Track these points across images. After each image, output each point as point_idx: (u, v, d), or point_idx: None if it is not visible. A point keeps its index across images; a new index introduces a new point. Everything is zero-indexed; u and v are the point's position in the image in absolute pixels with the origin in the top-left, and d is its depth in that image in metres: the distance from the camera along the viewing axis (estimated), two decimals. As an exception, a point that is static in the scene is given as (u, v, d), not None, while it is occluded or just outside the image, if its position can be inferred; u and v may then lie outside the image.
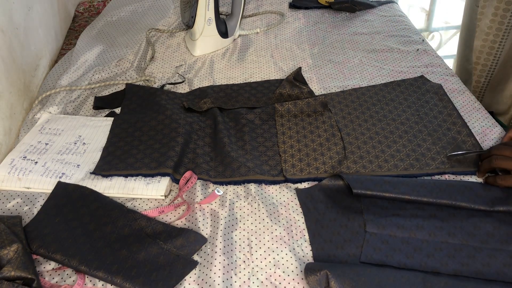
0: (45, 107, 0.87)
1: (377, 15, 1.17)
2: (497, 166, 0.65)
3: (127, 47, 1.05)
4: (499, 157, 0.65)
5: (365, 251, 0.58)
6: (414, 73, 0.93)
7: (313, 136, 0.77)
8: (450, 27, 2.39)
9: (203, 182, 0.70)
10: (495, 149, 0.67)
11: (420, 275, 0.54)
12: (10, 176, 0.70)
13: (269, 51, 1.05)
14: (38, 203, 0.67)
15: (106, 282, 0.56)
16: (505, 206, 0.62)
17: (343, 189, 0.68)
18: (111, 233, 0.61)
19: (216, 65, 1.00)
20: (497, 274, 0.55)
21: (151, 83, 0.94)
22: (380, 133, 0.77)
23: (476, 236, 0.59)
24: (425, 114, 0.80)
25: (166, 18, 1.19)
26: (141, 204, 0.67)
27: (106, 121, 0.83)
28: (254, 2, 1.27)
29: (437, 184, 0.65)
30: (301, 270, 0.57)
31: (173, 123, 0.79)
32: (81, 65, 1.00)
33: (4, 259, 0.53)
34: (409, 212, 0.62)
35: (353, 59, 1.00)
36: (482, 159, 0.68)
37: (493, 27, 0.96)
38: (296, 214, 0.65)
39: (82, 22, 1.25)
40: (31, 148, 0.76)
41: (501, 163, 0.64)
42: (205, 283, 0.55)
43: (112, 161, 0.73)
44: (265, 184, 0.70)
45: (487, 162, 0.66)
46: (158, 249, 0.59)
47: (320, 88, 0.91)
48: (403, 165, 0.70)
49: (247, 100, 0.88)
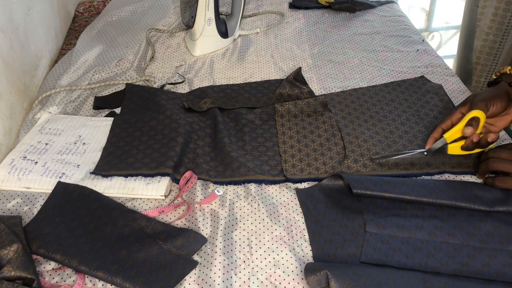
0: (45, 107, 0.87)
1: (377, 15, 1.17)
2: (495, 169, 0.65)
3: (127, 47, 1.05)
4: (496, 160, 0.65)
5: (365, 251, 0.58)
6: (414, 73, 0.93)
7: (313, 136, 0.77)
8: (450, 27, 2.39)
9: (203, 182, 0.70)
10: (492, 151, 0.67)
11: (420, 275, 0.54)
12: (10, 176, 0.70)
13: (269, 51, 1.05)
14: (38, 203, 0.67)
15: (106, 282, 0.56)
16: (505, 207, 0.62)
17: (343, 189, 0.68)
18: (111, 233, 0.61)
19: (216, 65, 1.00)
20: (497, 274, 0.55)
21: (151, 83, 0.94)
22: (380, 133, 0.77)
23: (476, 236, 0.59)
24: (425, 115, 0.80)
25: (166, 18, 1.19)
26: (141, 204, 0.67)
27: (106, 121, 0.83)
28: (254, 2, 1.27)
29: (437, 184, 0.65)
30: (301, 270, 0.57)
31: (173, 123, 0.79)
32: (81, 65, 1.00)
33: (4, 259, 0.53)
34: (409, 212, 0.63)
35: (353, 59, 1.00)
36: (481, 161, 0.68)
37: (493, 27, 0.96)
38: (296, 214, 0.65)
39: (82, 22, 1.25)
40: (31, 148, 0.76)
41: (499, 165, 0.64)
42: (205, 283, 0.55)
43: (112, 161, 0.73)
44: (265, 184, 0.70)
45: (485, 164, 0.66)
46: (158, 249, 0.59)
47: (320, 88, 0.91)
48: (403, 164, 0.70)
49: (247, 100, 0.88)
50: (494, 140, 0.66)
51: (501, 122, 0.70)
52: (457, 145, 0.68)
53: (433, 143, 0.70)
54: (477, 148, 0.68)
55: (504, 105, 0.68)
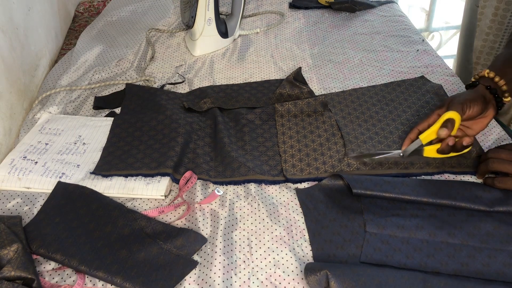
0: (45, 107, 0.87)
1: (377, 15, 1.17)
2: (494, 169, 0.65)
3: (127, 47, 1.05)
4: (496, 160, 0.65)
5: (365, 251, 0.58)
6: (414, 73, 0.93)
7: (313, 136, 0.77)
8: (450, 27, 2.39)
9: (203, 182, 0.70)
10: (492, 152, 0.67)
11: (420, 275, 0.54)
12: (10, 176, 0.70)
13: (269, 51, 1.05)
14: (38, 203, 0.67)
15: (106, 282, 0.56)
16: (505, 207, 0.62)
17: (343, 189, 0.68)
18: (111, 233, 0.61)
19: (216, 65, 1.00)
20: (497, 274, 0.55)
21: (151, 83, 0.94)
22: (380, 133, 0.77)
23: (476, 236, 0.59)
24: (425, 115, 0.80)
25: (166, 18, 1.19)
26: (141, 204, 0.67)
27: (106, 121, 0.83)
28: (254, 2, 1.27)
29: (437, 184, 0.65)
30: (301, 270, 0.57)
31: (173, 123, 0.79)
32: (81, 65, 1.00)
33: (4, 259, 0.53)
34: (409, 212, 0.63)
35: (353, 59, 1.00)
36: (480, 161, 0.68)
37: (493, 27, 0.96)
38: (296, 214, 0.65)
39: (82, 22, 1.25)
40: (31, 148, 0.76)
41: (498, 166, 0.64)
42: (205, 283, 0.56)
43: (112, 161, 0.73)
44: (265, 184, 0.70)
45: (484, 165, 0.66)
46: (158, 249, 0.59)
47: (320, 88, 0.91)
48: (403, 163, 0.70)
49: (247, 100, 0.88)
50: (469, 144, 0.66)
51: (477, 125, 0.70)
52: (433, 148, 0.68)
53: (409, 144, 0.70)
54: (453, 151, 0.68)
55: (480, 108, 0.68)
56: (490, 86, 0.70)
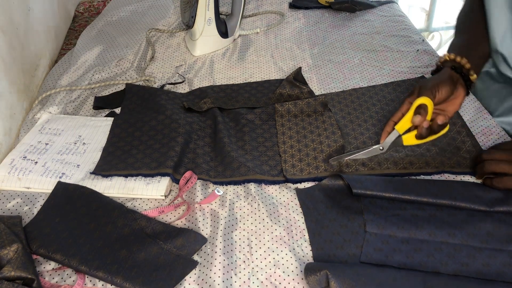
0: (45, 107, 0.87)
1: (377, 15, 1.17)
2: (490, 171, 0.65)
3: (127, 47, 1.05)
4: (491, 162, 0.65)
5: (365, 251, 0.58)
6: (414, 73, 0.93)
7: (313, 136, 0.77)
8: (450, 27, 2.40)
9: (203, 182, 0.70)
10: (486, 154, 0.67)
11: (420, 275, 0.54)
12: (10, 176, 0.70)
13: (269, 51, 1.05)
14: (38, 203, 0.67)
15: (106, 282, 0.56)
16: (505, 207, 0.62)
17: (343, 189, 0.68)
18: (111, 233, 0.61)
19: (216, 65, 1.00)
20: (497, 274, 0.55)
21: (151, 83, 0.94)
22: (380, 133, 0.77)
23: (476, 236, 0.59)
24: None
25: (166, 18, 1.19)
26: (141, 204, 0.67)
27: (106, 121, 0.83)
28: (254, 2, 1.27)
29: (437, 184, 0.65)
30: (301, 270, 0.57)
31: (173, 123, 0.79)
32: (81, 65, 1.00)
33: (4, 259, 0.53)
34: (409, 212, 0.63)
35: (353, 59, 1.00)
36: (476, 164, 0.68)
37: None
38: (296, 214, 0.65)
39: (82, 22, 1.25)
40: (31, 148, 0.76)
41: (494, 167, 0.64)
42: (205, 283, 0.56)
43: (112, 161, 0.73)
44: (265, 184, 0.70)
45: (480, 168, 0.66)
46: (158, 249, 0.59)
47: (320, 88, 0.91)
48: (402, 163, 0.70)
49: (247, 100, 0.88)
50: (445, 122, 0.67)
51: (451, 106, 0.71)
52: (411, 135, 0.68)
53: (386, 137, 0.70)
54: (431, 134, 0.68)
55: (450, 89, 0.68)
56: (454, 66, 0.71)
